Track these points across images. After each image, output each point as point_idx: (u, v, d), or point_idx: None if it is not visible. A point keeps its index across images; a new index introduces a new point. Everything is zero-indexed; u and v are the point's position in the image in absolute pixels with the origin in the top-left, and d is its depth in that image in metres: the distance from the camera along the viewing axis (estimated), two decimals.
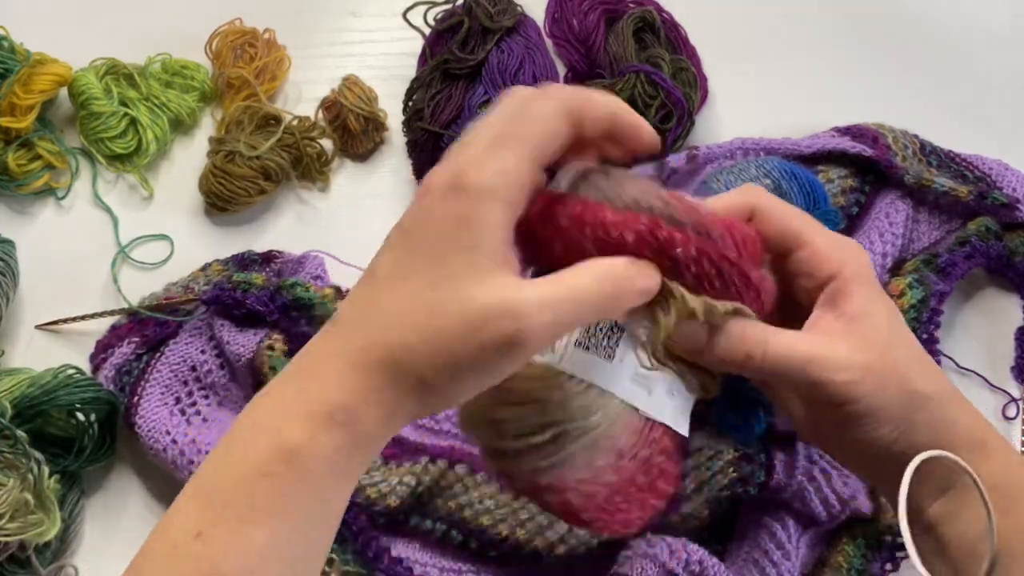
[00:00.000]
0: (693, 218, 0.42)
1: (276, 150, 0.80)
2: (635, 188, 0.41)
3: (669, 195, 0.43)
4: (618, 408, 0.46)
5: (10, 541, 0.64)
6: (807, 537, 0.71)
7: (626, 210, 0.41)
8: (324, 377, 0.40)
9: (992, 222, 0.77)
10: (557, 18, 0.87)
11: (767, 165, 0.74)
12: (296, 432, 0.39)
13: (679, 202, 0.43)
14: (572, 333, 0.44)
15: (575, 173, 0.42)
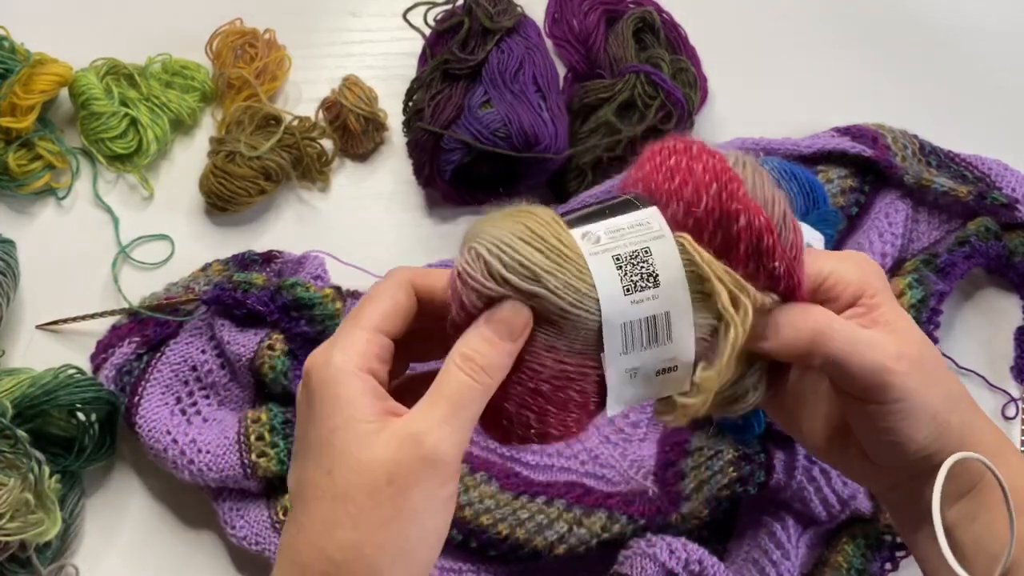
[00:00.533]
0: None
1: (276, 150, 0.80)
2: (772, 189, 0.44)
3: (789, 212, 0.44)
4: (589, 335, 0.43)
5: (11, 541, 0.64)
6: (807, 537, 0.71)
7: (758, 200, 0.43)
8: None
9: (992, 222, 0.77)
10: (557, 18, 0.87)
11: (767, 165, 0.74)
12: None
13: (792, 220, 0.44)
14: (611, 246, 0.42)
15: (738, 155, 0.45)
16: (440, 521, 0.40)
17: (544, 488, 0.70)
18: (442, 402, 0.40)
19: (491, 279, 0.41)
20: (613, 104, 0.79)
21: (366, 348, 0.41)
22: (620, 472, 0.72)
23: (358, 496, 0.39)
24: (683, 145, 0.43)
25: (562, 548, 0.68)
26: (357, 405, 0.40)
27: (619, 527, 0.68)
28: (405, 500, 0.39)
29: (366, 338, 0.42)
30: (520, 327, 0.41)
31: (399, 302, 0.43)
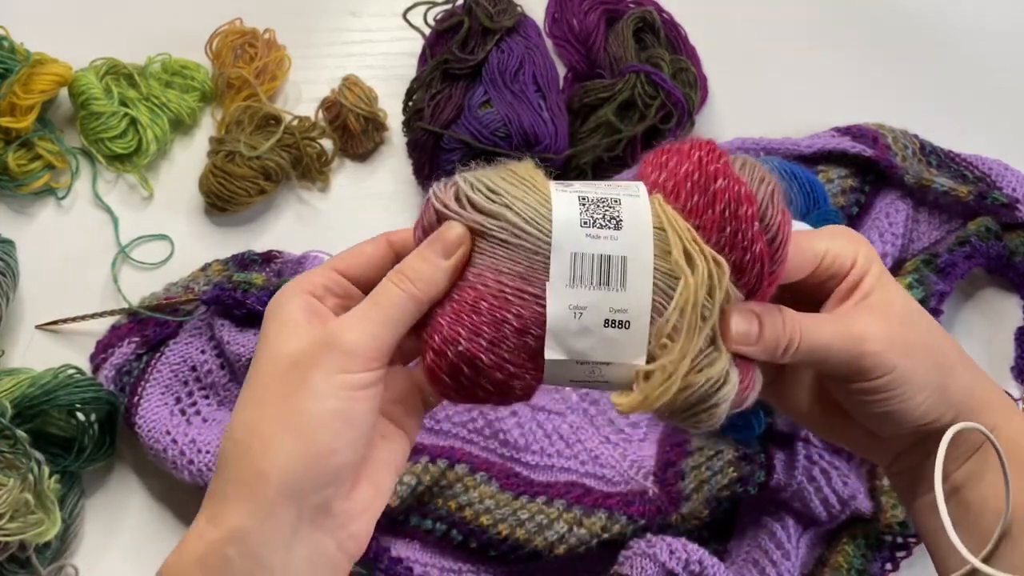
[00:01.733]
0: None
1: (276, 150, 0.80)
2: (764, 173, 0.44)
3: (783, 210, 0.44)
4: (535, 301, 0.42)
5: (10, 541, 0.64)
6: (807, 537, 0.71)
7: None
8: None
9: (992, 222, 0.77)
10: (557, 18, 0.87)
11: (767, 165, 0.73)
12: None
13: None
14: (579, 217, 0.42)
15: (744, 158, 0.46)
16: (340, 404, 0.41)
17: (544, 488, 0.70)
18: (362, 304, 0.43)
19: (454, 200, 0.42)
20: (613, 104, 0.79)
21: (315, 279, 0.44)
22: (620, 472, 0.72)
23: (265, 380, 0.42)
24: (679, 144, 0.44)
25: (562, 548, 0.68)
26: (293, 317, 0.43)
27: (619, 527, 0.68)
28: (304, 380, 0.41)
29: (318, 272, 0.45)
30: (453, 242, 0.42)
31: (363, 250, 0.46)
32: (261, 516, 0.40)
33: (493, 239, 0.41)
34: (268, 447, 0.40)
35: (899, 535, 0.70)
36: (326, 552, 0.42)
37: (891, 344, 0.46)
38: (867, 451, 0.53)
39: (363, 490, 0.43)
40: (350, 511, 0.43)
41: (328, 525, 0.42)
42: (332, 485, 0.41)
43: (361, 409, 0.41)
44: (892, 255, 0.77)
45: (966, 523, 0.47)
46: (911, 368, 0.46)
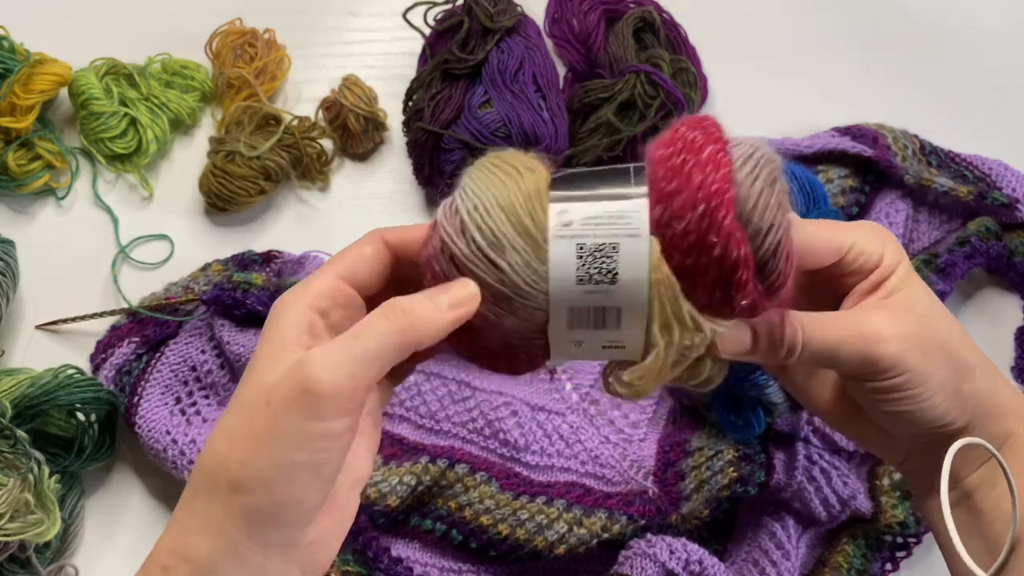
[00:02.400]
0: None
1: (276, 150, 0.80)
2: (777, 211, 0.42)
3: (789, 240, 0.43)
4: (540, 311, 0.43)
5: (10, 541, 0.64)
6: (807, 537, 0.71)
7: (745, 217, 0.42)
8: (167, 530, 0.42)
9: (992, 222, 0.77)
10: (557, 18, 0.87)
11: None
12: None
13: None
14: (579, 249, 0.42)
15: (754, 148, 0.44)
16: (308, 457, 0.39)
17: (544, 488, 0.70)
18: (344, 337, 0.40)
19: (460, 235, 0.42)
20: (613, 104, 0.79)
21: (318, 287, 0.42)
22: (620, 472, 0.72)
23: (240, 413, 0.40)
24: (698, 142, 0.42)
25: (562, 548, 0.68)
26: (284, 333, 0.41)
27: (619, 527, 0.68)
28: (274, 423, 0.39)
29: (320, 279, 0.43)
30: (464, 300, 0.41)
31: (363, 252, 0.44)
32: (229, 554, 0.40)
33: (493, 288, 0.42)
34: (236, 490, 0.40)
35: (899, 535, 0.70)
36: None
37: (907, 345, 0.45)
38: (881, 449, 0.52)
39: (330, 520, 0.43)
40: (315, 542, 0.42)
41: (295, 556, 0.41)
42: (298, 527, 0.41)
43: (331, 458, 0.40)
44: None
45: (978, 530, 0.47)
46: (927, 370, 0.46)
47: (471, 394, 0.73)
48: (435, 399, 0.73)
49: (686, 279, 0.41)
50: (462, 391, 0.73)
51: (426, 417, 0.72)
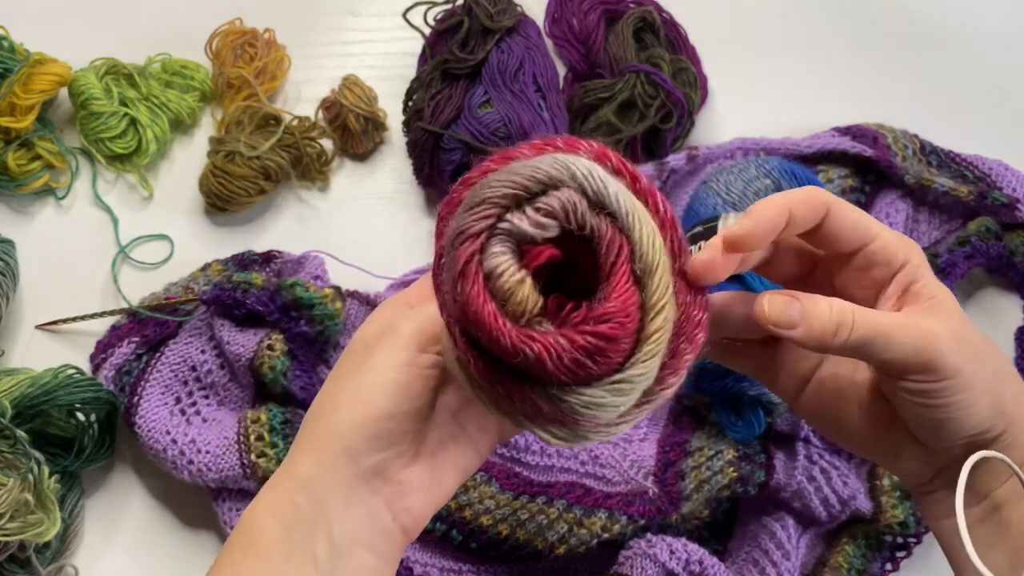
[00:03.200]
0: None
1: (276, 150, 0.80)
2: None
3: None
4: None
5: (10, 541, 0.64)
6: (807, 537, 0.71)
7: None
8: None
9: (992, 222, 0.77)
10: (557, 18, 0.87)
11: (767, 165, 0.74)
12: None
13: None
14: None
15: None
16: (397, 376, 0.46)
17: (544, 488, 0.70)
18: (423, 305, 0.49)
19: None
20: (613, 104, 0.79)
21: (410, 292, 0.51)
22: (620, 472, 0.72)
23: (345, 359, 0.49)
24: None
25: (562, 548, 0.68)
26: (380, 311, 0.50)
27: (619, 527, 0.68)
28: (369, 356, 0.47)
29: (416, 285, 0.51)
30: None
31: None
32: (325, 467, 0.45)
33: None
34: (335, 410, 0.46)
35: (899, 535, 0.70)
36: (380, 518, 0.46)
37: (959, 346, 0.45)
38: (911, 465, 0.50)
39: (420, 470, 0.47)
40: (405, 482, 0.47)
41: (383, 491, 0.46)
42: (386, 449, 0.46)
43: (417, 384, 0.46)
44: None
45: (1004, 544, 0.46)
46: (975, 373, 0.45)
47: None
48: None
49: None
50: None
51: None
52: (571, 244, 0.39)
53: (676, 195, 0.79)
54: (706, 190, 0.74)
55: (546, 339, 0.37)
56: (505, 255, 0.38)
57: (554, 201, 0.38)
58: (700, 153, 0.78)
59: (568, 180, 0.38)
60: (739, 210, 0.71)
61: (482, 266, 0.38)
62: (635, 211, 0.39)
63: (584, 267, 0.39)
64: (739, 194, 0.72)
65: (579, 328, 0.37)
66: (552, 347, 0.37)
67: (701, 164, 0.79)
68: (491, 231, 0.38)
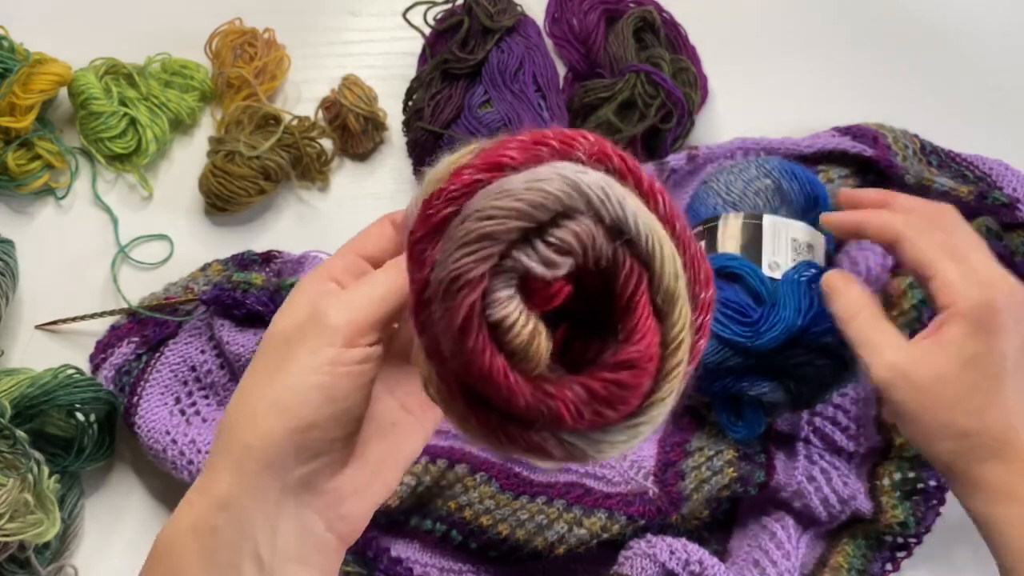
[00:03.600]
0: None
1: (276, 150, 0.80)
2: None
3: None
4: None
5: (10, 541, 0.64)
6: (807, 537, 0.71)
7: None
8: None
9: (992, 222, 0.77)
10: (557, 18, 0.87)
11: (767, 165, 0.74)
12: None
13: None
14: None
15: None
16: (321, 379, 0.41)
17: (544, 488, 0.70)
18: (352, 286, 0.44)
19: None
20: (613, 104, 0.79)
21: (335, 263, 0.46)
22: (620, 472, 0.72)
23: (260, 356, 0.43)
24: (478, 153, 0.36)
25: (562, 548, 0.68)
26: (302, 293, 0.44)
27: (619, 527, 0.68)
28: (290, 355, 0.41)
29: (337, 256, 0.47)
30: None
31: (371, 231, 0.49)
32: (246, 486, 0.41)
33: None
34: (253, 421, 0.41)
35: (899, 535, 0.70)
36: (313, 530, 0.42)
37: (908, 383, 0.52)
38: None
39: (355, 471, 0.43)
40: (338, 489, 0.42)
41: (315, 503, 0.42)
42: (313, 460, 0.41)
43: (345, 385, 0.41)
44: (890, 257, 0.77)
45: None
46: (924, 412, 0.52)
47: None
48: None
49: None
50: None
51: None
52: (581, 274, 0.34)
53: (676, 195, 0.79)
54: (706, 190, 0.74)
55: (564, 393, 0.33)
56: (514, 301, 0.33)
57: (569, 236, 0.33)
58: (700, 153, 0.78)
59: (582, 207, 0.33)
60: (739, 210, 0.71)
61: (487, 316, 0.33)
62: (654, 234, 0.33)
63: (591, 291, 0.34)
64: (739, 194, 0.72)
65: (598, 377, 0.33)
66: (571, 402, 0.33)
67: (701, 164, 0.79)
68: (493, 270, 0.32)
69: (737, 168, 0.74)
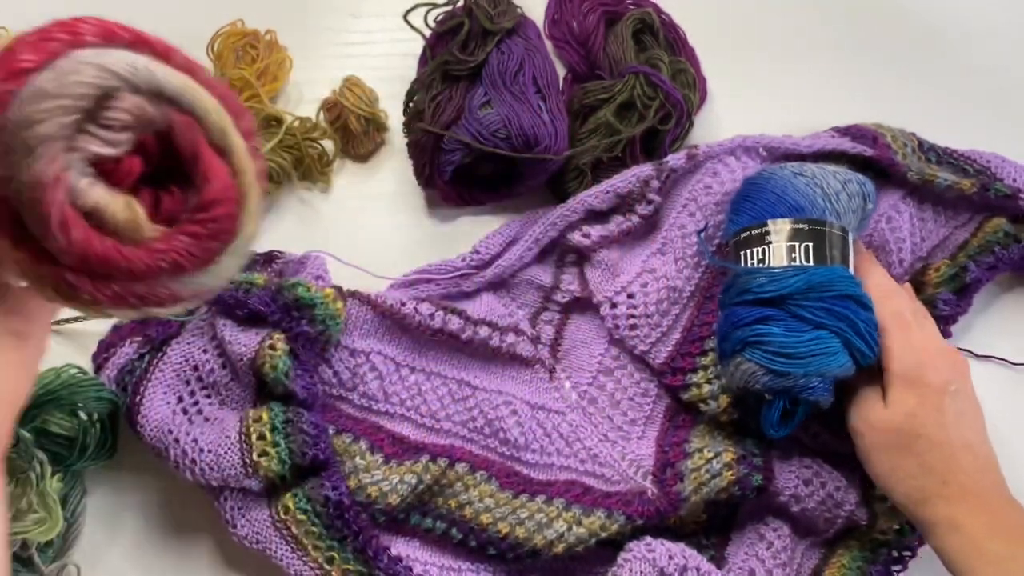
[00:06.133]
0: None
1: (277, 151, 0.81)
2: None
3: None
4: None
5: (12, 539, 0.64)
6: (803, 545, 0.71)
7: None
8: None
9: (1007, 224, 0.77)
10: (557, 19, 0.88)
11: (867, 187, 0.72)
12: None
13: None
14: None
15: None
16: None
17: (544, 487, 0.70)
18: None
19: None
20: (612, 105, 0.79)
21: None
22: (619, 471, 0.72)
23: None
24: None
25: (561, 547, 0.68)
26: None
27: (618, 527, 0.68)
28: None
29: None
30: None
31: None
32: None
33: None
34: None
35: (895, 546, 0.70)
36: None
37: (876, 438, 0.65)
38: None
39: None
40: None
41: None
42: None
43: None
44: (904, 260, 0.78)
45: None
46: (882, 464, 0.65)
47: (471, 393, 0.73)
48: (435, 398, 0.73)
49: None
50: (462, 390, 0.73)
51: (426, 416, 0.73)
52: (144, 142, 0.38)
53: (675, 193, 0.79)
54: (810, 185, 0.69)
55: (173, 245, 0.38)
56: (97, 187, 0.37)
57: (121, 114, 0.37)
58: (700, 152, 0.78)
59: (118, 84, 0.37)
60: (835, 220, 0.68)
61: (79, 208, 0.36)
62: (188, 87, 0.39)
63: (158, 154, 0.39)
64: (844, 207, 0.69)
65: (196, 220, 0.38)
66: (182, 250, 0.38)
67: (702, 162, 0.79)
68: (65, 165, 0.36)
69: (840, 177, 0.70)
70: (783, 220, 0.67)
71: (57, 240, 0.36)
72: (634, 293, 0.76)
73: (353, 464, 0.69)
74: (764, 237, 0.68)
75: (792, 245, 0.66)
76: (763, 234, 0.68)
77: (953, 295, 0.76)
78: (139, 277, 0.38)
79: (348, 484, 0.68)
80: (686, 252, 0.77)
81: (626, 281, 0.77)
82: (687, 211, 0.78)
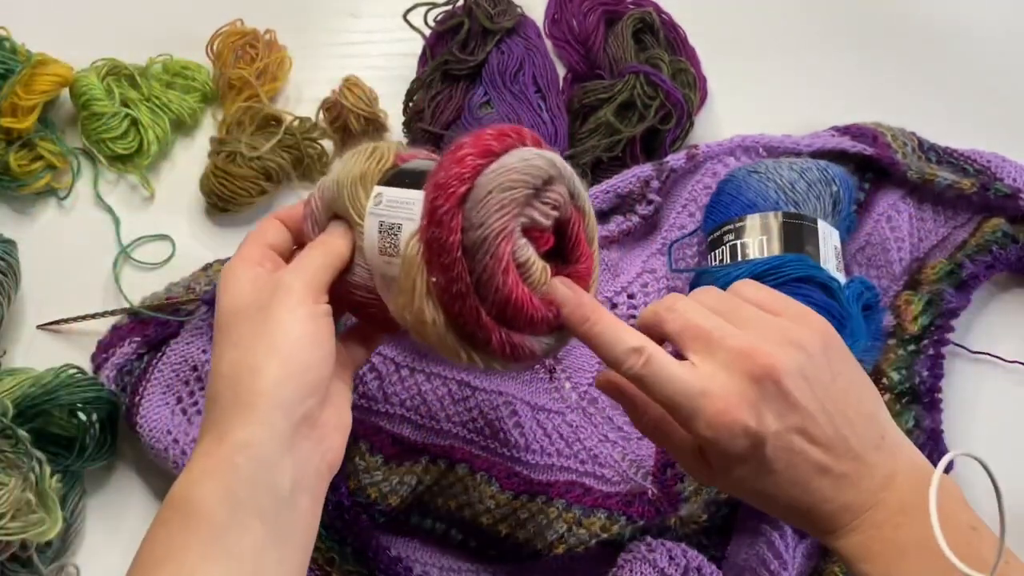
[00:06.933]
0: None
1: (277, 150, 0.81)
2: (493, 208, 0.49)
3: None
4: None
5: (11, 540, 0.64)
6: (804, 547, 0.71)
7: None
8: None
9: (1007, 225, 0.77)
10: (557, 19, 0.88)
11: (830, 171, 0.73)
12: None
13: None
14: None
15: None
16: (305, 329, 0.50)
17: (544, 488, 0.70)
18: (296, 262, 0.54)
19: (320, 204, 0.56)
20: (612, 104, 0.79)
21: (256, 246, 0.55)
22: (620, 472, 0.72)
23: (237, 327, 0.51)
24: (465, 147, 0.48)
25: (561, 548, 0.68)
26: (243, 281, 0.53)
27: (618, 528, 0.68)
28: (270, 315, 0.50)
29: (251, 248, 0.55)
30: (341, 234, 0.55)
31: (267, 229, 0.57)
32: (263, 426, 0.48)
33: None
34: (257, 374, 0.49)
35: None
36: (312, 460, 0.50)
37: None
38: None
39: (330, 411, 0.52)
40: (325, 422, 0.51)
41: (312, 435, 0.50)
42: (312, 397, 0.50)
43: (323, 332, 0.51)
44: (904, 259, 0.77)
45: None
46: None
47: (471, 394, 0.73)
48: (435, 399, 0.73)
49: (430, 259, 0.48)
50: (462, 391, 0.73)
51: (427, 417, 0.72)
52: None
53: (675, 193, 0.79)
54: (763, 180, 0.72)
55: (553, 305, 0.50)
56: (529, 247, 0.49)
57: (556, 195, 0.49)
58: (700, 151, 0.78)
59: (558, 177, 0.50)
60: (800, 210, 0.70)
61: (515, 258, 0.48)
62: (583, 192, 0.52)
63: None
64: (803, 195, 0.71)
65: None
66: (556, 311, 0.50)
67: (702, 162, 0.79)
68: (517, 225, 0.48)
69: (797, 167, 0.73)
70: (739, 219, 0.71)
71: (493, 282, 0.47)
72: (634, 293, 0.76)
73: (353, 465, 0.69)
74: (723, 239, 0.71)
75: (745, 242, 0.69)
76: (722, 236, 0.71)
77: (953, 290, 0.76)
78: (531, 325, 0.50)
79: (348, 485, 0.68)
80: (686, 253, 0.77)
81: (626, 281, 0.77)
82: (687, 211, 0.78)
